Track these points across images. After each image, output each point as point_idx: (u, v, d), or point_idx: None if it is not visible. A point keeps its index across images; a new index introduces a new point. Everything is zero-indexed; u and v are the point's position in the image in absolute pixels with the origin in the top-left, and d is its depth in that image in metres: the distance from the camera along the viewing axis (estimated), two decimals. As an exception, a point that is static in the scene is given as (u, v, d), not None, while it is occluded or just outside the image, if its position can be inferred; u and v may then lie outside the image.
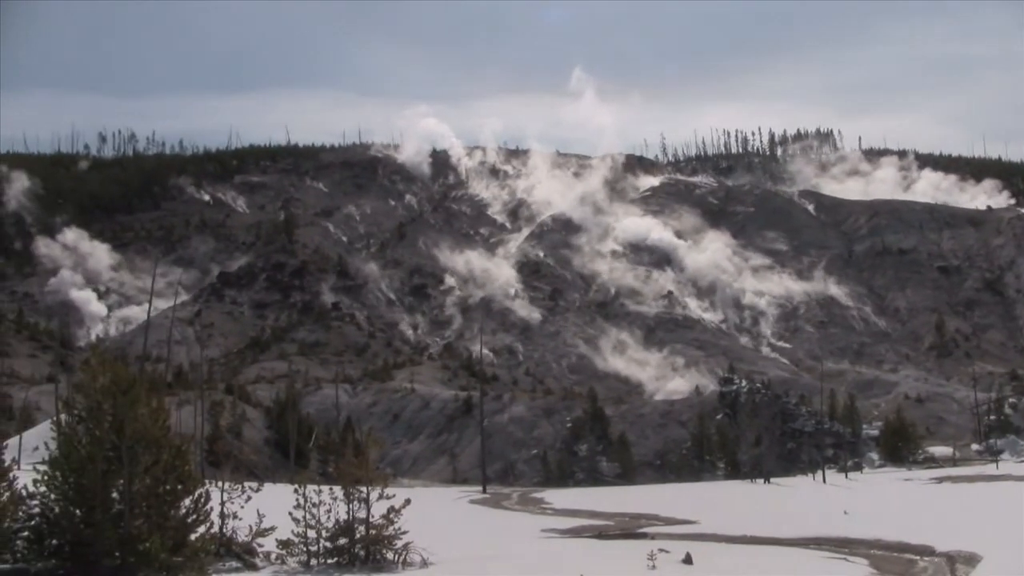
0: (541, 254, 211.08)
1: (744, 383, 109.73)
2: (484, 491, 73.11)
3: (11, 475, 23.69)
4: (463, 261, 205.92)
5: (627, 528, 36.88)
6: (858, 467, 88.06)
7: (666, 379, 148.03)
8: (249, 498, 24.41)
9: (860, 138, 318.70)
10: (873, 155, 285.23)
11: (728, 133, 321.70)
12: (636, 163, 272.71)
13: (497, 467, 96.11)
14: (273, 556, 24.01)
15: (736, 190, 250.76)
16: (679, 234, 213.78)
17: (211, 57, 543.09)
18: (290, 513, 23.65)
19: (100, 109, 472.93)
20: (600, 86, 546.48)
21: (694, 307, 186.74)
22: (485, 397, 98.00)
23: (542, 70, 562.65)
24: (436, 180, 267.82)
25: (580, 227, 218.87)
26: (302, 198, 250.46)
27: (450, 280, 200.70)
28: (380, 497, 23.94)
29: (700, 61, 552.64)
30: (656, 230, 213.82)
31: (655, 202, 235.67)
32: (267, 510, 23.89)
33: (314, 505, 23.66)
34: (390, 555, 23.87)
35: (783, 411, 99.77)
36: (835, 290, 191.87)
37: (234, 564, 23.31)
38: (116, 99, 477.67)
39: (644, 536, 32.73)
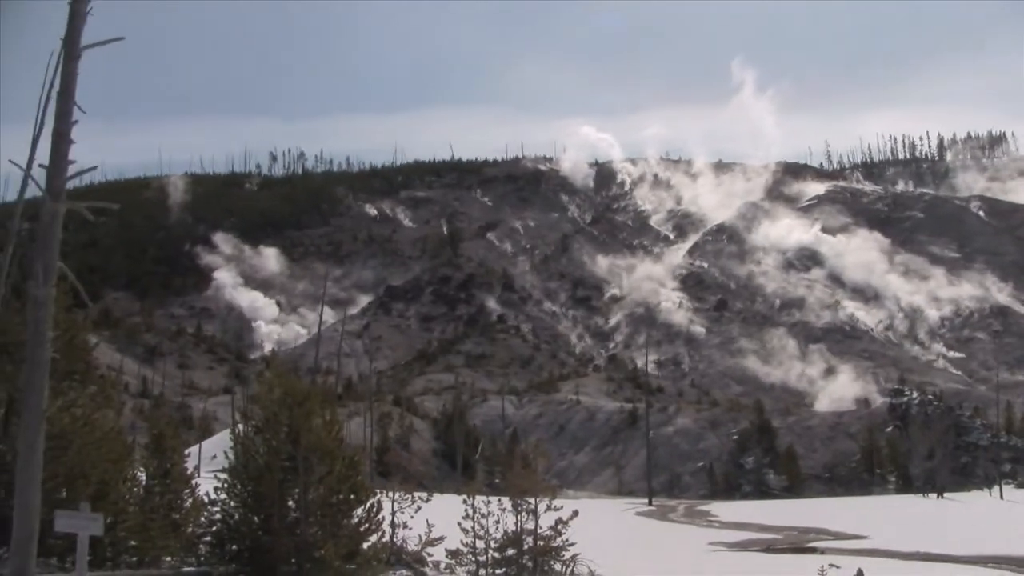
0: (705, 264, 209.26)
1: (915, 394, 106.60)
2: (650, 503, 72.82)
3: (193, 482, 24.60)
4: (626, 272, 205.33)
5: (796, 542, 36.27)
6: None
7: (833, 390, 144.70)
8: (419, 508, 24.75)
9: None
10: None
11: (894, 139, 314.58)
12: (800, 171, 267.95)
13: (663, 479, 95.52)
14: (442, 566, 24.30)
15: (904, 196, 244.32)
16: (845, 242, 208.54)
17: (374, 78, 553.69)
18: (459, 523, 23.91)
19: (270, 131, 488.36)
20: (761, 94, 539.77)
21: (861, 316, 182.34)
22: (650, 409, 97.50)
23: (701, 80, 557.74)
24: (598, 192, 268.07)
25: (744, 236, 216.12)
26: (466, 212, 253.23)
27: (614, 291, 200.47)
28: (548, 508, 24.02)
29: (862, 66, 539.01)
30: (822, 238, 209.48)
31: (820, 210, 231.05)
32: (436, 520, 24.21)
33: (482, 516, 23.86)
34: (558, 566, 23.90)
35: (956, 424, 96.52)
36: (1010, 298, 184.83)
37: (404, 573, 23.66)
38: (285, 121, 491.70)
39: (814, 551, 32.14)
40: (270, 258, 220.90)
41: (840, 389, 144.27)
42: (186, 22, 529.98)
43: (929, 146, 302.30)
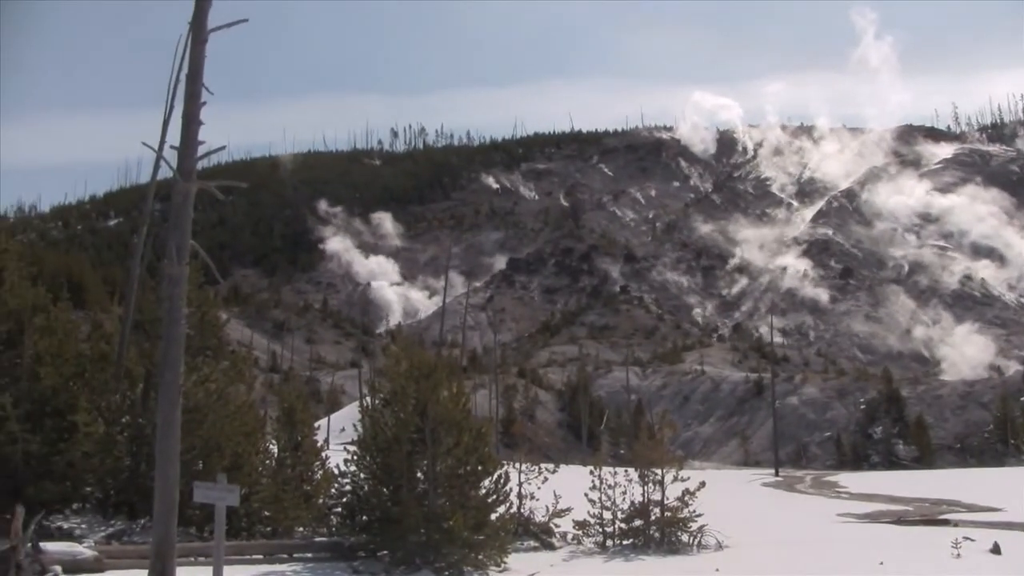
0: (829, 231, 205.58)
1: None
2: (776, 474, 72.10)
3: (323, 455, 25.08)
4: (750, 240, 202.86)
5: (928, 514, 35.47)
6: None
7: (964, 358, 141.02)
8: (545, 479, 24.87)
9: None
10: None
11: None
12: (926, 133, 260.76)
13: (789, 449, 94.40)
14: (569, 536, 24.40)
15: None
16: (973, 206, 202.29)
17: (493, 52, 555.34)
18: (586, 494, 23.96)
19: (391, 107, 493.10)
20: (885, 55, 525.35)
21: (993, 283, 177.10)
22: (776, 378, 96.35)
23: (822, 45, 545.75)
24: (719, 159, 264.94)
25: (869, 201, 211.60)
26: (587, 183, 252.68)
27: (737, 260, 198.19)
28: (674, 479, 23.95)
29: (989, 25, 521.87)
30: (949, 202, 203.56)
31: (948, 173, 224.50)
32: (562, 491, 24.28)
33: (609, 487, 23.89)
34: (685, 537, 23.84)
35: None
36: None
37: (532, 543, 23.81)
38: (406, 97, 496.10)
39: (946, 523, 31.37)
40: (393, 233, 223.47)
41: (971, 357, 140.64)
42: (307, 2, 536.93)
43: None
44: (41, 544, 16.85)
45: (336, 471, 22.08)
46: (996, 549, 22.73)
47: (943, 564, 20.75)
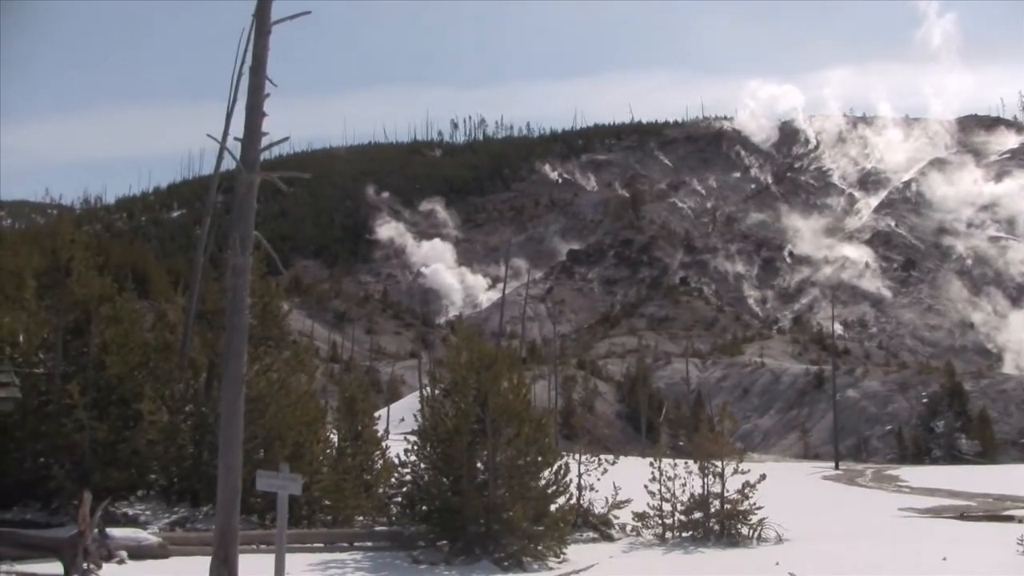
0: (892, 223, 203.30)
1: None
2: (837, 467, 71.50)
3: (383, 444, 25.24)
4: (811, 232, 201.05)
5: (991, 510, 35.02)
6: None
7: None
8: (605, 471, 24.88)
9: None
10: None
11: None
12: (991, 124, 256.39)
13: (849, 443, 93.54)
14: (629, 528, 24.39)
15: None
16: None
17: (552, 44, 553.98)
18: (645, 486, 23.92)
19: (451, 99, 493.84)
20: (949, 46, 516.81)
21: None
22: (837, 371, 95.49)
23: (882, 34, 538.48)
24: (780, 150, 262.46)
25: (932, 193, 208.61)
26: (647, 174, 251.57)
27: (798, 252, 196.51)
28: (734, 472, 23.84)
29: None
30: (1015, 194, 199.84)
31: (1015, 164, 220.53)
32: (621, 483, 24.25)
33: (669, 479, 23.83)
34: (745, 530, 23.73)
35: None
36: None
37: (591, 535, 23.82)
38: (465, 89, 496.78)
39: (1011, 519, 30.97)
40: (450, 223, 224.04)
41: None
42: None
43: None
44: (107, 530, 17.12)
45: (396, 461, 22.22)
46: (1063, 545, 22.37)
47: (1007, 561, 20.49)
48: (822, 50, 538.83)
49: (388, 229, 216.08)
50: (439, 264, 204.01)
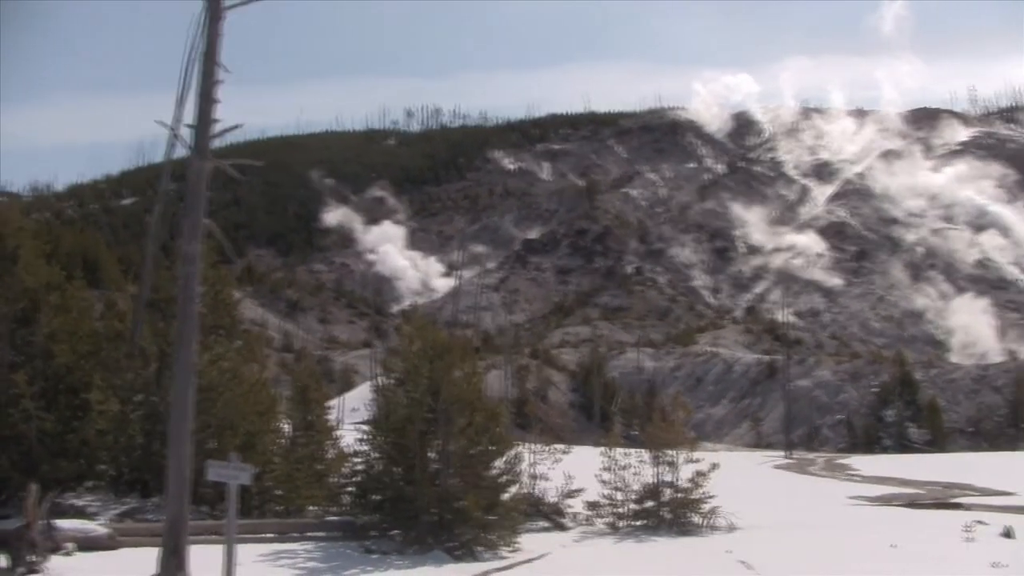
0: (844, 213, 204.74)
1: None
2: (788, 456, 72.03)
3: (336, 434, 25.17)
4: (764, 222, 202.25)
5: (940, 498, 35.45)
6: None
7: (979, 343, 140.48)
8: (558, 460, 24.94)
9: None
10: None
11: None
12: (942, 117, 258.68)
13: (801, 432, 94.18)
14: (581, 517, 24.46)
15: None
16: (991, 190, 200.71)
17: (508, 36, 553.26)
18: (597, 475, 24.00)
19: (406, 89, 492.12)
20: (899, 40, 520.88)
21: (1008, 268, 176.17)
22: (789, 361, 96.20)
23: (837, 28, 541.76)
24: (735, 141, 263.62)
25: (885, 186, 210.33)
26: (603, 164, 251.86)
27: (751, 242, 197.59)
28: (686, 461, 23.97)
29: (1006, 7, 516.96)
30: (966, 187, 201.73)
31: (964, 157, 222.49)
32: (574, 472, 24.33)
33: (621, 468, 23.92)
34: (696, 519, 23.88)
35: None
36: None
37: (543, 524, 23.86)
38: (421, 79, 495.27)
39: (959, 507, 31.38)
40: (408, 213, 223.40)
41: (984, 341, 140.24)
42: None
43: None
44: (55, 521, 16.94)
45: (349, 451, 22.15)
46: (1008, 533, 22.75)
47: (955, 547, 20.77)
48: (779, 42, 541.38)
49: (336, 215, 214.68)
50: (389, 246, 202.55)
